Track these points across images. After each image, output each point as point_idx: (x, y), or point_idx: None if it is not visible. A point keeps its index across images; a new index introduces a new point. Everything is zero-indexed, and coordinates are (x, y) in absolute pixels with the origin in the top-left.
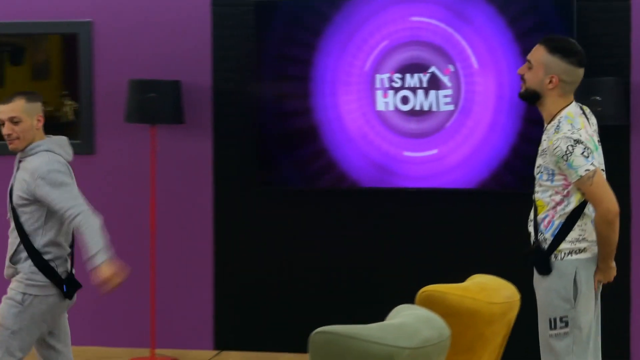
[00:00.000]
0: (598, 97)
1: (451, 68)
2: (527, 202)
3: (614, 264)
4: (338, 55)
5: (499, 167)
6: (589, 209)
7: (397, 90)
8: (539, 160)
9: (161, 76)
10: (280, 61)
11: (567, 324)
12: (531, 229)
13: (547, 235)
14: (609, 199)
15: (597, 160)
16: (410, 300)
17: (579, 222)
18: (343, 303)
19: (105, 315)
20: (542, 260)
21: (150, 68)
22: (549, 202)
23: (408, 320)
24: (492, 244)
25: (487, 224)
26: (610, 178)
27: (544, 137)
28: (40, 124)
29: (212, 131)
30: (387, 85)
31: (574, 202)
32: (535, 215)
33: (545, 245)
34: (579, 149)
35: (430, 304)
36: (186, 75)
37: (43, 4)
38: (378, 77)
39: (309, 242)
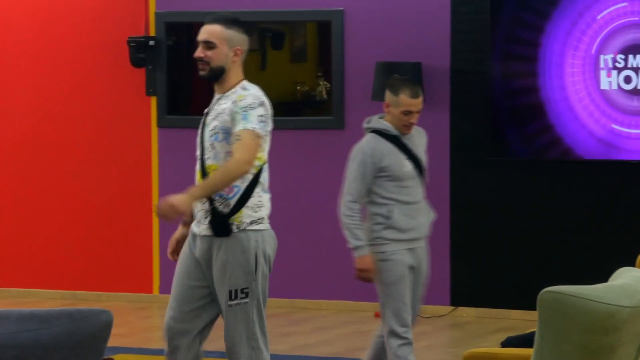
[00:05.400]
0: None
1: None
2: None
3: (192, 203)
4: (564, 37)
5: None
6: (263, 177)
7: (620, 70)
8: (214, 123)
9: (404, 58)
10: (511, 43)
11: (247, 295)
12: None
13: (232, 201)
14: (250, 158)
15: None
16: (630, 263)
17: (256, 189)
18: (568, 264)
19: (351, 270)
20: (222, 223)
21: (395, 51)
22: None
23: (629, 281)
24: None
25: None
26: None
27: (220, 102)
28: None
29: (450, 107)
30: (610, 65)
31: (255, 166)
32: None
33: (227, 210)
34: (260, 110)
35: None
36: (426, 57)
37: None
38: (602, 57)
39: (536, 208)
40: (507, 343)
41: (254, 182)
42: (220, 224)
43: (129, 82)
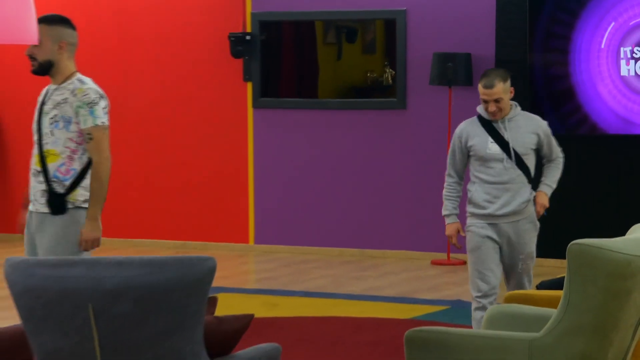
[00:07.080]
0: None
1: None
2: None
3: (99, 222)
4: (591, 32)
5: None
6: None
7: (637, 59)
8: (54, 112)
9: (456, 50)
10: (547, 37)
11: None
12: (41, 178)
13: (67, 183)
14: (107, 152)
15: None
16: None
17: (90, 171)
18: (594, 220)
19: (411, 225)
20: (59, 203)
21: (449, 44)
22: (64, 150)
23: None
24: None
25: None
26: None
27: (57, 93)
28: None
29: None
30: (629, 55)
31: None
32: (45, 165)
33: (63, 190)
34: (103, 103)
35: None
36: (475, 49)
37: None
38: (622, 49)
39: (568, 175)
40: (541, 286)
41: (88, 164)
42: (57, 203)
43: (230, 70)
